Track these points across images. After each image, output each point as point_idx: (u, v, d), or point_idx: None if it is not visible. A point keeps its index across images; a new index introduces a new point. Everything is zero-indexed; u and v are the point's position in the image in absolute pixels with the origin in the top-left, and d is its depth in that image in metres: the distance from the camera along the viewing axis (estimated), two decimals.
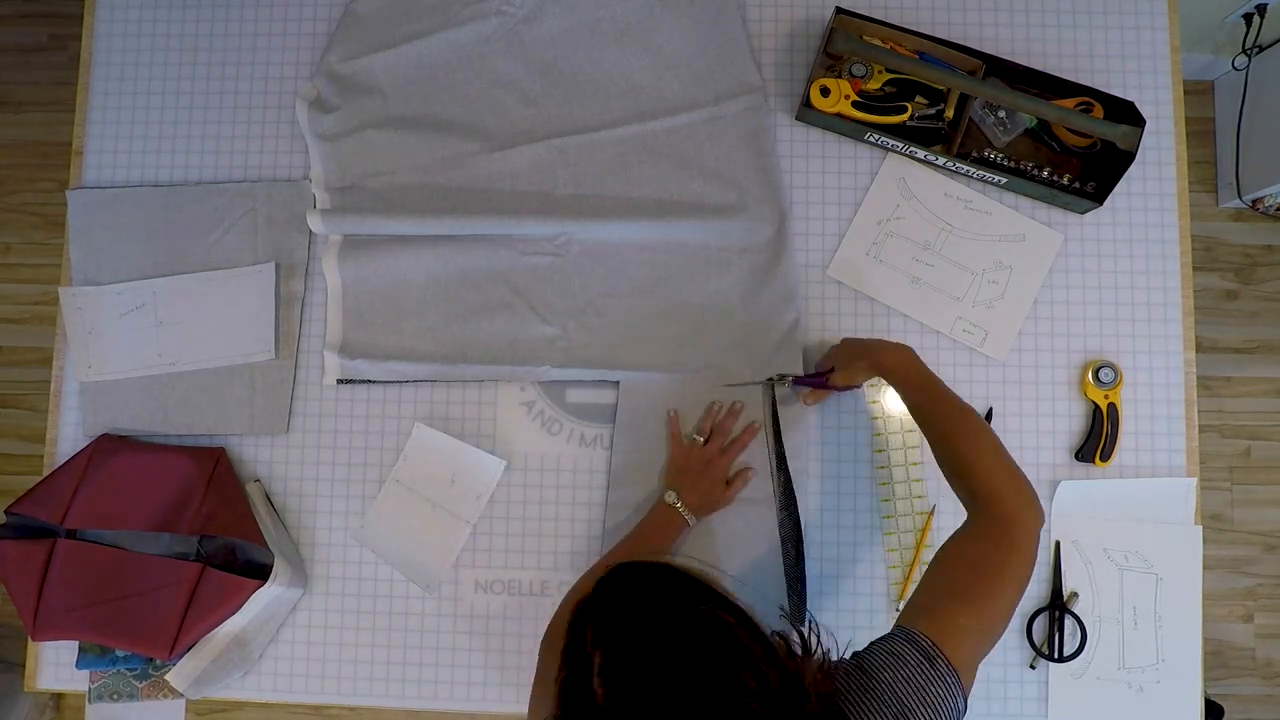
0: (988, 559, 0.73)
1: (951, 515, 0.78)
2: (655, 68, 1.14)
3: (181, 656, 0.99)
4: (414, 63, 1.15)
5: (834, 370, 0.99)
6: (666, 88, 1.14)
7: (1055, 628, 1.04)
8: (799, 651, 0.65)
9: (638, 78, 1.14)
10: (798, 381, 1.04)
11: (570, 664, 0.57)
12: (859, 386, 1.04)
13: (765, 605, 0.99)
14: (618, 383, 1.09)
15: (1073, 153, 1.09)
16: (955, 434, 0.82)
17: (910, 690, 0.62)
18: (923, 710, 0.62)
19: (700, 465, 1.03)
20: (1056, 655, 1.03)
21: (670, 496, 1.00)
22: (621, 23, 1.15)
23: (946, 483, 0.83)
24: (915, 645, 0.65)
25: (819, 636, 0.68)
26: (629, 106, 1.14)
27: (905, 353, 0.92)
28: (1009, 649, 1.04)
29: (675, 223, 1.10)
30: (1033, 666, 1.04)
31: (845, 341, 1.01)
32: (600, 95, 1.14)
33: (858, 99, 1.08)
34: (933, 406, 0.86)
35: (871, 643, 0.68)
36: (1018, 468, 0.79)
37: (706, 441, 1.05)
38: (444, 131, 1.14)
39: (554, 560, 1.08)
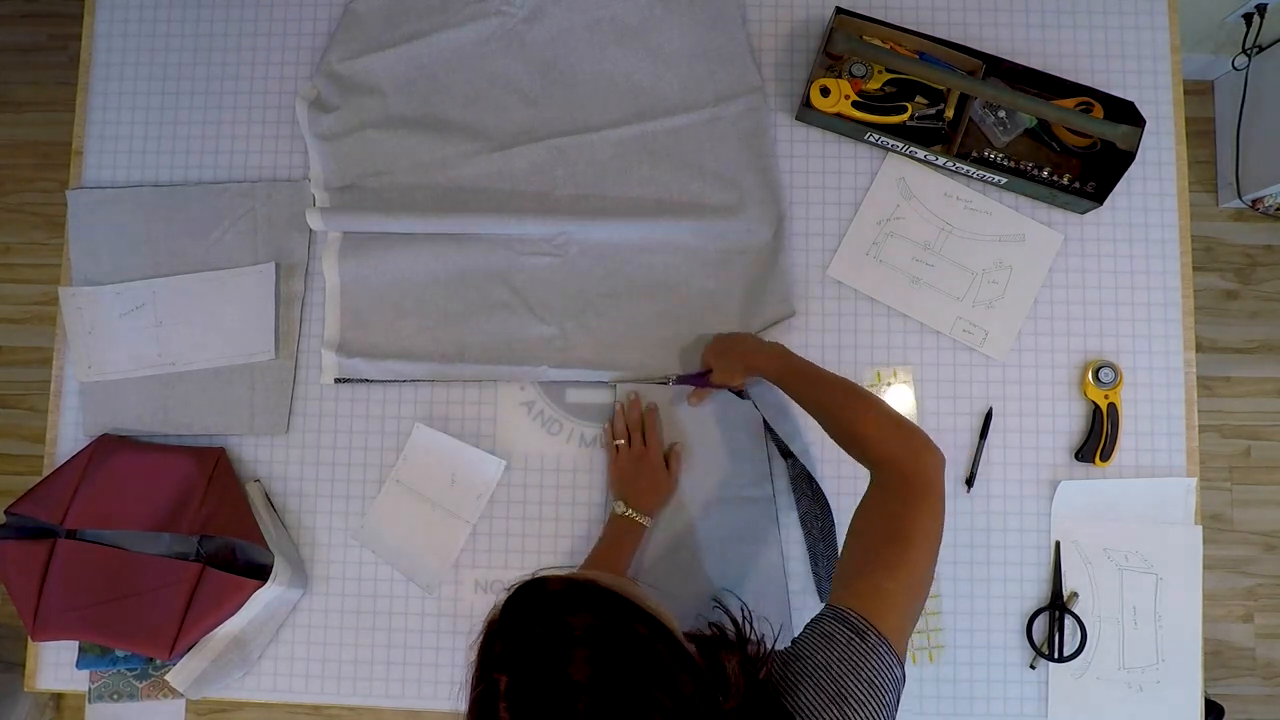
0: (897, 518, 0.73)
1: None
2: (655, 68, 1.14)
3: (181, 656, 0.99)
4: (414, 63, 1.15)
5: (712, 370, 1.01)
6: (666, 88, 1.14)
7: (1055, 628, 1.04)
8: (734, 641, 0.66)
9: (638, 78, 1.14)
10: (679, 380, 1.06)
11: (480, 684, 0.57)
12: (740, 387, 1.04)
13: (764, 606, 1.01)
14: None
15: (1073, 153, 1.09)
16: (838, 408, 0.84)
17: (845, 669, 0.62)
18: (859, 688, 0.61)
19: (634, 464, 1.03)
20: (1056, 655, 1.03)
21: (619, 506, 1.01)
22: (621, 23, 1.15)
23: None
24: (844, 622, 0.65)
25: (752, 624, 0.69)
26: (629, 107, 1.14)
27: (776, 351, 0.95)
28: (1009, 649, 1.04)
29: (674, 223, 1.10)
30: (1033, 666, 1.04)
31: (718, 339, 1.03)
32: (600, 95, 1.14)
33: (858, 99, 1.08)
34: (813, 391, 0.88)
35: (805, 626, 0.68)
36: (904, 419, 0.80)
37: (629, 442, 1.05)
38: (444, 131, 1.14)
39: (554, 560, 1.07)
